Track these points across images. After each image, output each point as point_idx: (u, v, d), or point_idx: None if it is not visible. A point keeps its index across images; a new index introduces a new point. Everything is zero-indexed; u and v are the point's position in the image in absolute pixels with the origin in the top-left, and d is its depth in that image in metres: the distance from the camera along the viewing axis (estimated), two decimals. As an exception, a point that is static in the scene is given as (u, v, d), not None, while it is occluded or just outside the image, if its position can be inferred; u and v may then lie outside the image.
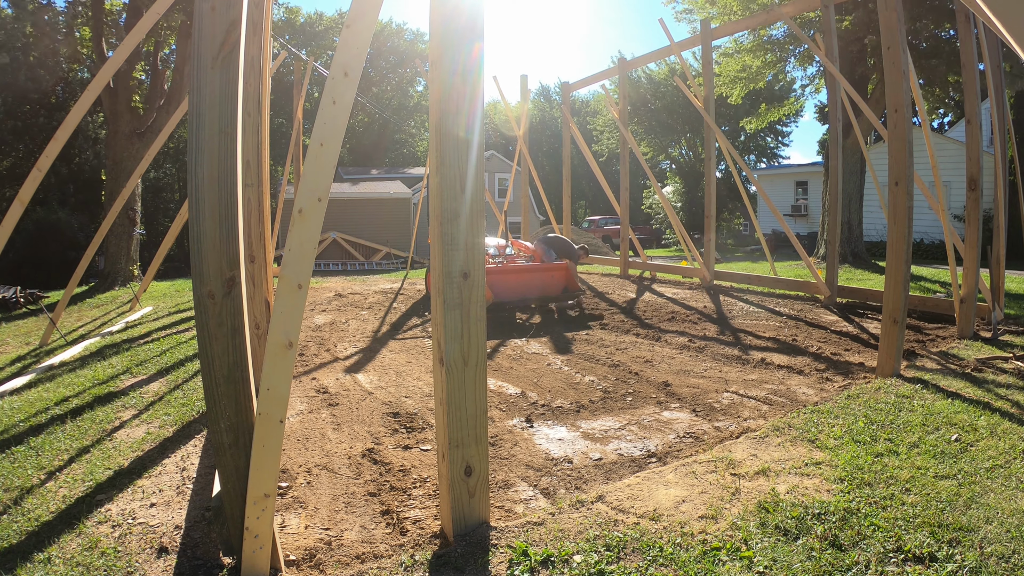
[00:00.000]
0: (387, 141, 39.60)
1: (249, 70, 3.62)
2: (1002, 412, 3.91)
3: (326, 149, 2.41)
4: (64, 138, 5.64)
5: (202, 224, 2.28)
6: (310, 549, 2.63)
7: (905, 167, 4.87)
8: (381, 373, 5.61)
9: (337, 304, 9.57)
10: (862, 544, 2.44)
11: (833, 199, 8.85)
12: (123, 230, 12.20)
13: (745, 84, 15.12)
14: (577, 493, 3.10)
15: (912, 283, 9.26)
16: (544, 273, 8.61)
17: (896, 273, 4.95)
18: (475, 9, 2.59)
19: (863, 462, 3.20)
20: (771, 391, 4.84)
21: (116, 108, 12.15)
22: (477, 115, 2.62)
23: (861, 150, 10.33)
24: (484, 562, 2.42)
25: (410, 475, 3.40)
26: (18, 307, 9.63)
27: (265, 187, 4.18)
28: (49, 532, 2.72)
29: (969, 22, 6.30)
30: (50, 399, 4.68)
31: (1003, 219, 6.94)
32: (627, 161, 12.57)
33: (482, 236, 2.66)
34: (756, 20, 11.03)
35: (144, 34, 5.98)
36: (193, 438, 3.93)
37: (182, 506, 3.02)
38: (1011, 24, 1.54)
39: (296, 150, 12.05)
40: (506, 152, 36.80)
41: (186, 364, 5.78)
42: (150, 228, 22.01)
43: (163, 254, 8.53)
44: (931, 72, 12.52)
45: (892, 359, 4.90)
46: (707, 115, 9.78)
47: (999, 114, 6.98)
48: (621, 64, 12.26)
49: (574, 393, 4.90)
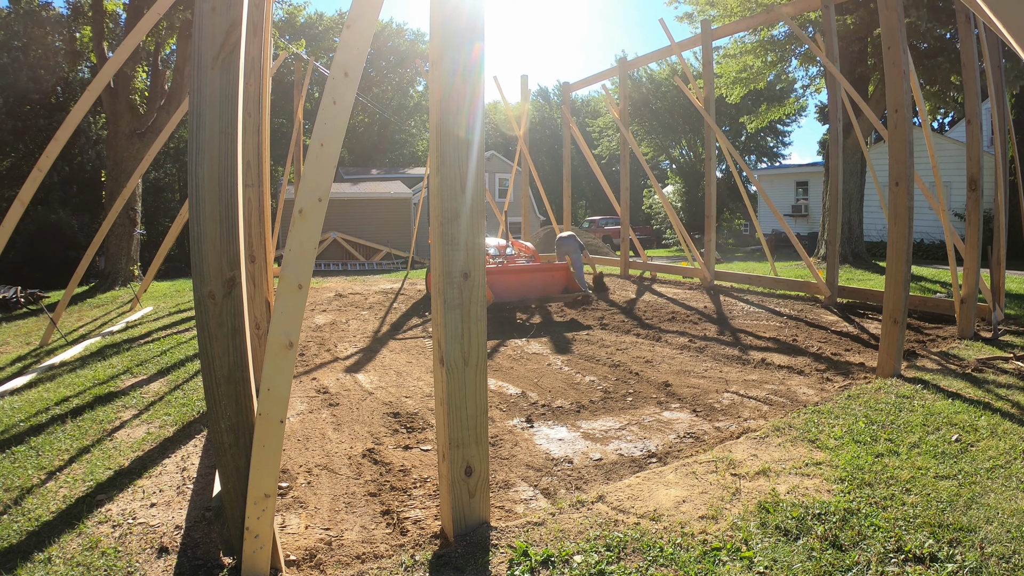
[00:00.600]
0: (387, 141, 39.60)
1: (249, 70, 3.62)
2: (1002, 412, 3.91)
3: (326, 149, 2.41)
4: (64, 138, 5.65)
5: (202, 224, 2.28)
6: (310, 549, 2.64)
7: (905, 167, 4.87)
8: (381, 373, 5.61)
9: (337, 304, 9.57)
10: (862, 544, 2.44)
11: (833, 199, 8.85)
12: (123, 230, 12.20)
13: (745, 85, 15.11)
14: (577, 493, 3.10)
15: (912, 283, 9.26)
16: (545, 273, 8.61)
17: (896, 273, 4.95)
18: (475, 9, 2.59)
19: (863, 462, 3.20)
20: (771, 391, 4.84)
21: (116, 108, 12.15)
22: (477, 115, 2.62)
23: (861, 150, 10.32)
24: (484, 562, 2.42)
25: (410, 475, 3.40)
26: (18, 307, 9.63)
27: (265, 187, 4.18)
28: (49, 532, 2.72)
29: (969, 22, 6.29)
30: (51, 399, 4.68)
31: (1003, 219, 6.94)
32: (627, 161, 12.58)
33: (483, 236, 2.66)
34: (756, 20, 11.02)
35: (144, 34, 5.99)
36: (193, 438, 3.93)
37: (182, 506, 3.02)
38: (1011, 24, 1.54)
39: (296, 150, 12.06)
40: (506, 152, 36.79)
41: (186, 364, 5.78)
42: (150, 228, 21.99)
43: (163, 254, 8.53)
44: (933, 72, 12.50)
45: (892, 359, 4.90)
46: (707, 115, 9.78)
47: (999, 114, 6.98)
48: (621, 64, 12.26)
49: (574, 393, 4.90)
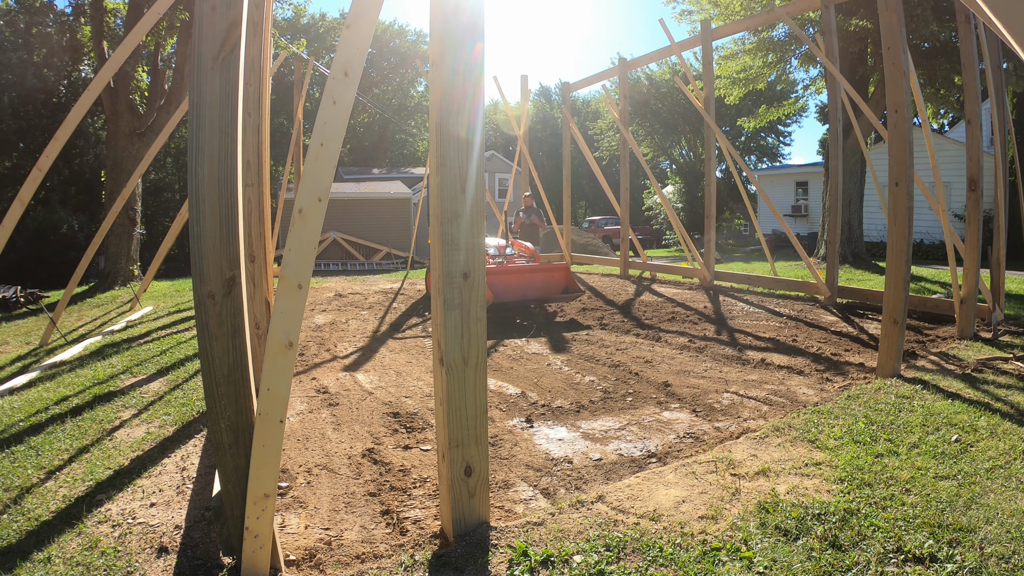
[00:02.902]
0: (388, 141, 39.59)
1: (249, 70, 3.62)
2: (1002, 413, 3.91)
3: (326, 149, 2.41)
4: (64, 138, 5.65)
5: (202, 224, 2.28)
6: (310, 549, 2.64)
7: (905, 167, 4.87)
8: (381, 373, 5.61)
9: (337, 304, 9.57)
10: (862, 544, 2.44)
11: (833, 199, 8.85)
12: (123, 230, 12.20)
13: (745, 85, 15.11)
14: (577, 493, 3.10)
15: (912, 283, 9.26)
16: (544, 273, 8.61)
17: (896, 273, 4.95)
18: (476, 9, 2.59)
19: (863, 462, 3.20)
20: (771, 391, 4.84)
21: (116, 108, 12.15)
22: (478, 115, 2.62)
23: (861, 150, 10.32)
24: (484, 562, 2.42)
25: (410, 475, 3.40)
26: (18, 307, 9.63)
27: (265, 187, 4.18)
28: (49, 532, 2.72)
29: (969, 22, 6.29)
30: (50, 398, 4.68)
31: (1003, 219, 6.94)
32: (627, 161, 12.58)
33: (483, 236, 2.66)
34: (756, 20, 11.02)
35: (144, 34, 5.98)
36: (193, 438, 3.93)
37: (182, 506, 3.02)
38: (1011, 24, 1.54)
39: (296, 150, 12.06)
40: (506, 152, 36.78)
41: (186, 364, 5.78)
42: (150, 228, 21.98)
43: (163, 254, 8.53)
44: (933, 72, 12.50)
45: (892, 359, 4.90)
46: (707, 115, 9.78)
47: (999, 114, 6.97)
48: (621, 64, 12.26)
49: (574, 393, 4.90)
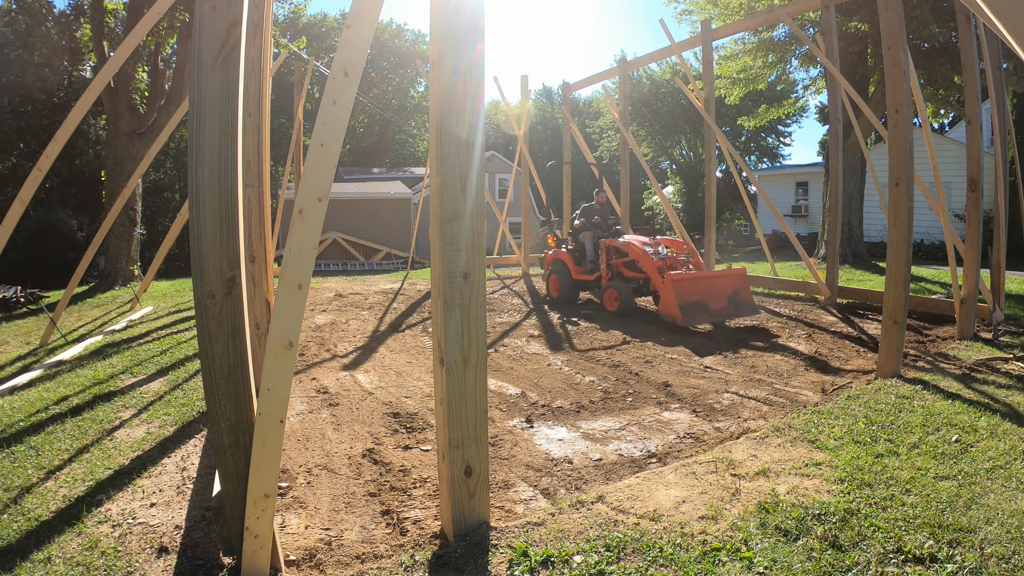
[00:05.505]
0: (388, 141, 39.59)
1: (250, 70, 3.62)
2: (1002, 413, 3.91)
3: (327, 149, 2.41)
4: (65, 138, 5.64)
5: (202, 224, 2.28)
6: (310, 549, 2.63)
7: (905, 168, 4.87)
8: (381, 373, 5.61)
9: (337, 304, 9.57)
10: (862, 545, 2.44)
11: (833, 199, 8.85)
12: (123, 230, 12.19)
13: (745, 85, 15.11)
14: (577, 493, 3.10)
15: (912, 284, 9.25)
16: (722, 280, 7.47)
17: (896, 274, 4.95)
18: (476, 8, 2.59)
19: (863, 463, 3.20)
20: (771, 392, 4.84)
21: (117, 108, 12.15)
22: (478, 115, 2.62)
23: (862, 150, 10.32)
24: (484, 562, 2.42)
25: (410, 475, 3.40)
26: (18, 307, 9.62)
27: (265, 187, 4.18)
28: (49, 531, 2.72)
29: (969, 22, 6.29)
30: (50, 398, 4.68)
31: (1003, 220, 6.94)
32: (627, 161, 12.58)
33: (483, 236, 2.66)
34: (756, 20, 11.01)
35: (144, 34, 5.98)
36: (193, 438, 3.93)
37: (182, 506, 3.02)
38: (1011, 24, 1.54)
39: (296, 150, 12.05)
40: (506, 152, 36.77)
41: (186, 364, 5.78)
42: (150, 228, 21.97)
43: (163, 254, 8.53)
44: (933, 72, 12.49)
45: (892, 360, 4.90)
46: (707, 116, 9.78)
47: (999, 114, 6.97)
48: (621, 64, 12.26)
49: (574, 393, 4.89)
